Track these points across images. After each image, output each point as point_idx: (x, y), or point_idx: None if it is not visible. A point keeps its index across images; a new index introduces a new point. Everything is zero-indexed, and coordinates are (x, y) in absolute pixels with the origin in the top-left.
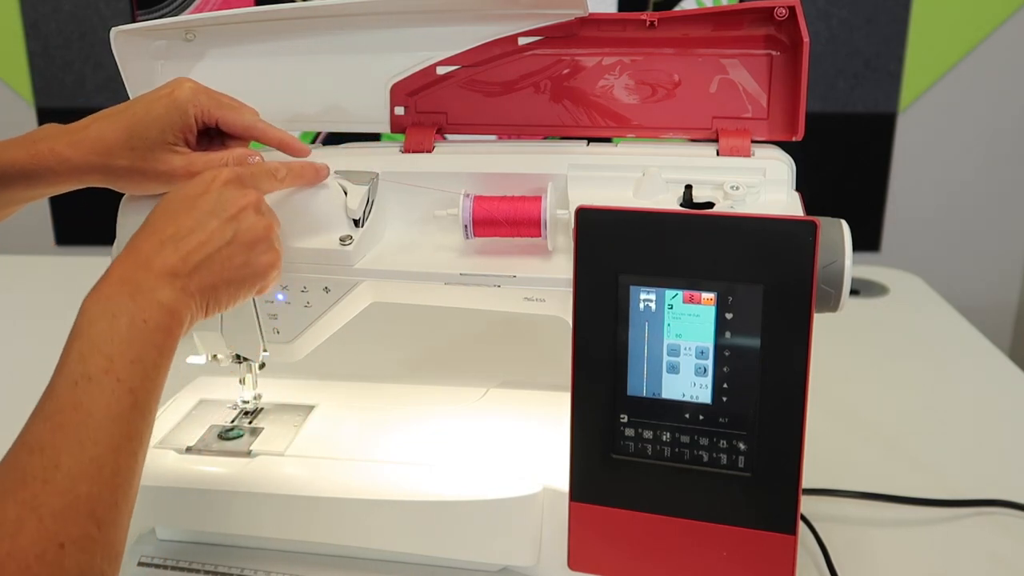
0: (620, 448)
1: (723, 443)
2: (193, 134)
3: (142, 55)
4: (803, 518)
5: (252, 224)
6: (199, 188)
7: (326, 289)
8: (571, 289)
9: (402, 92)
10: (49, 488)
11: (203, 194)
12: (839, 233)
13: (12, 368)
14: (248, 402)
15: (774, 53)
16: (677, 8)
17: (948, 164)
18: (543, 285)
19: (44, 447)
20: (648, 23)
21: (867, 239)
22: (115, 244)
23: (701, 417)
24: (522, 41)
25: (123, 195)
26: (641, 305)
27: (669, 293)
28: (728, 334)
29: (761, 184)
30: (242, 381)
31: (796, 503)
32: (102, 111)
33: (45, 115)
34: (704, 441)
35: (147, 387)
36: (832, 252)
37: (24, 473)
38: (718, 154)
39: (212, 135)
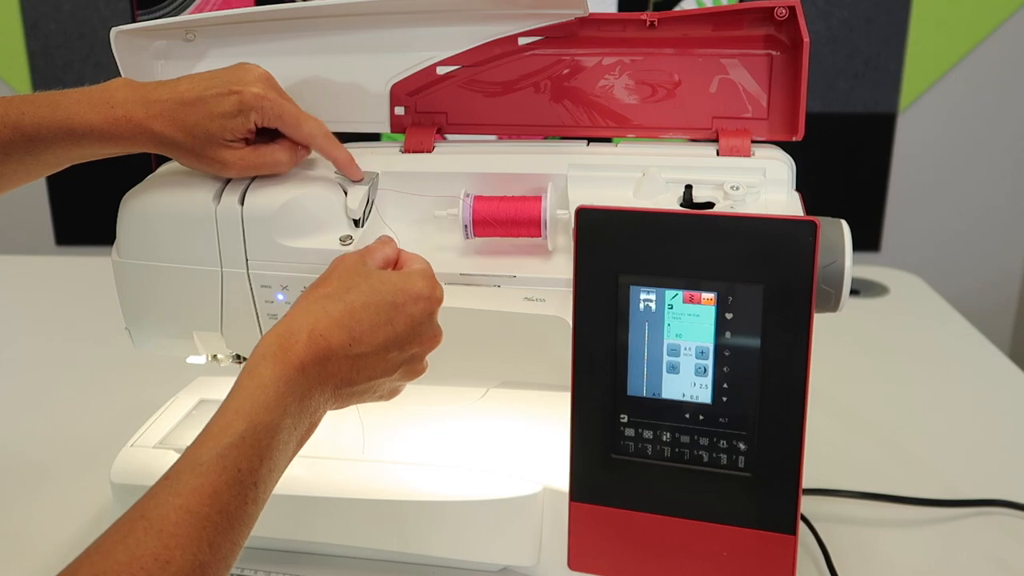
0: (620, 448)
1: (723, 443)
2: (252, 133)
3: (142, 55)
4: (803, 518)
5: (414, 369)
6: (410, 307)
7: None
8: (571, 289)
9: (402, 92)
10: None
11: (406, 316)
12: (839, 233)
13: (12, 368)
14: None
15: (774, 53)
16: (677, 8)
17: (948, 164)
18: (543, 285)
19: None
20: (648, 23)
21: (867, 239)
22: (115, 244)
23: (701, 417)
24: (522, 41)
25: (123, 195)
26: (641, 305)
27: (669, 293)
28: (728, 334)
29: (761, 184)
30: None
31: (796, 503)
32: (181, 83)
33: None
34: (704, 441)
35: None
36: (832, 252)
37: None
38: (718, 154)
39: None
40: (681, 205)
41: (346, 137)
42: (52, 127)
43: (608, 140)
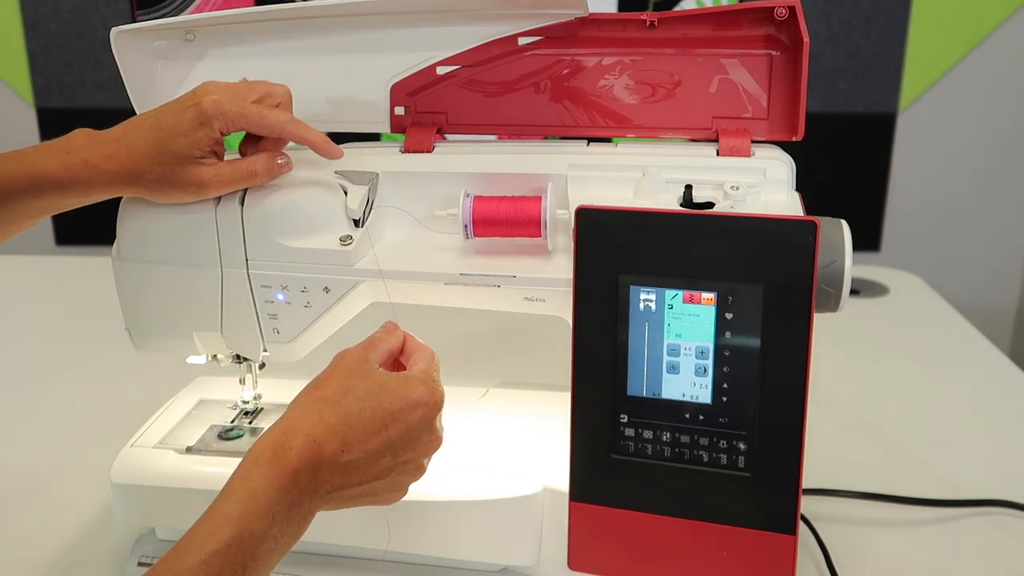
0: (620, 448)
1: (723, 443)
2: (221, 145)
3: (142, 55)
4: (803, 518)
5: (410, 474)
6: (407, 414)
7: (326, 289)
8: (571, 289)
9: (402, 92)
10: None
11: (403, 424)
12: (839, 233)
13: (13, 368)
14: (248, 402)
15: (774, 53)
16: (677, 8)
17: (948, 164)
18: (543, 285)
19: None
20: (648, 23)
21: (867, 239)
22: (115, 244)
23: (701, 417)
24: (522, 41)
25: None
26: (641, 305)
27: (669, 293)
28: (728, 334)
29: (761, 184)
30: (242, 381)
31: (796, 503)
32: (133, 119)
33: (45, 115)
34: (704, 441)
35: None
36: (832, 252)
37: None
38: (718, 154)
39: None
40: (681, 205)
41: (346, 137)
42: (14, 179)
43: (608, 140)
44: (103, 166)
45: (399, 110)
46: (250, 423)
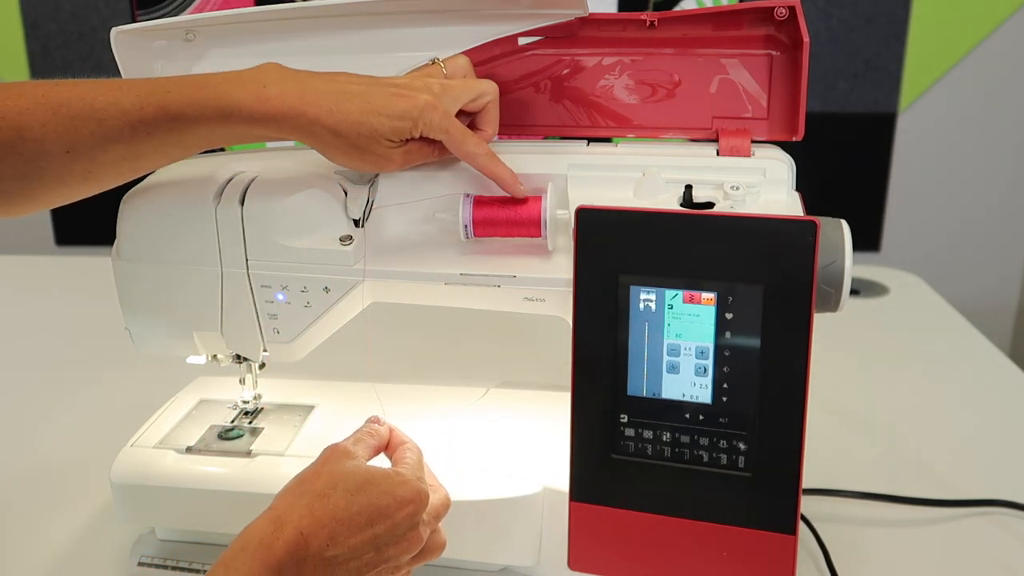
0: (620, 448)
1: (723, 443)
2: (413, 139)
3: (142, 55)
4: (803, 518)
5: (389, 569)
6: (395, 511)
7: (326, 289)
8: (571, 289)
9: None
10: None
11: (389, 521)
12: (839, 233)
13: (12, 368)
14: (248, 402)
15: (774, 53)
16: (677, 8)
17: (948, 164)
18: (543, 285)
19: None
20: (648, 23)
21: (867, 239)
22: (115, 244)
23: (701, 417)
24: (522, 41)
25: (123, 195)
26: (641, 305)
27: (669, 293)
28: (728, 334)
29: (761, 184)
30: (242, 381)
31: (796, 503)
32: (340, 75)
33: None
34: (704, 441)
35: None
36: (832, 252)
37: None
38: (718, 154)
39: None
40: (681, 205)
41: None
42: (199, 106)
43: (608, 140)
44: (301, 109)
45: None
46: (250, 423)
